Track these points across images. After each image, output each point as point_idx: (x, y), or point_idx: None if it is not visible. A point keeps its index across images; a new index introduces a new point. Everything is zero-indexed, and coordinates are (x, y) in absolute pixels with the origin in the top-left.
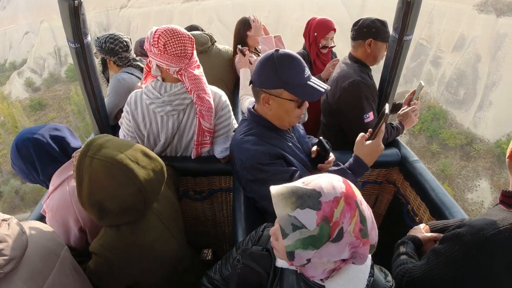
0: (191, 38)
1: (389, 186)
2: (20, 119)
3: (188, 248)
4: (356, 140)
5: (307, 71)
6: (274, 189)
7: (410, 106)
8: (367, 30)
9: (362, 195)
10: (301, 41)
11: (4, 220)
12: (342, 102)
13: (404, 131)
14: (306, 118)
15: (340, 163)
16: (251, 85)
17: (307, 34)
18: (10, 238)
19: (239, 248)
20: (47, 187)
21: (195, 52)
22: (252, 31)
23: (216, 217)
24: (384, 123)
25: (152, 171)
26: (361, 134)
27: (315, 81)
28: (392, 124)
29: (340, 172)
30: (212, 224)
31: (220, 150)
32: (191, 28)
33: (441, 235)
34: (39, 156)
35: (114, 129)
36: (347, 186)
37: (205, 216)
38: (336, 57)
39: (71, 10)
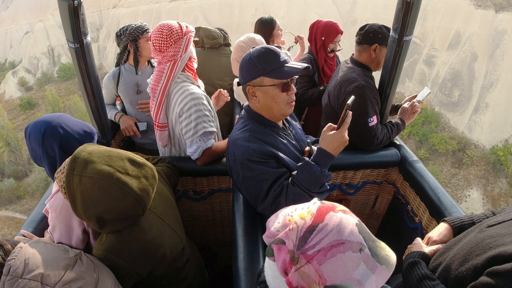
0: (157, 32)
1: (388, 186)
2: (0, 119)
3: (187, 239)
4: (322, 131)
5: (283, 57)
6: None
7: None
8: (373, 36)
9: (362, 195)
10: (288, 39)
11: (75, 255)
12: None
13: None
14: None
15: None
16: (239, 86)
17: (313, 38)
18: (86, 274)
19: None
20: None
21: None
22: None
23: (216, 217)
24: (348, 115)
25: (144, 178)
26: (328, 124)
27: (291, 64)
28: (392, 122)
29: (305, 165)
30: (211, 224)
31: (188, 153)
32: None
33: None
34: (64, 151)
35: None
36: None
37: (204, 216)
38: (339, 60)
39: (71, 10)
